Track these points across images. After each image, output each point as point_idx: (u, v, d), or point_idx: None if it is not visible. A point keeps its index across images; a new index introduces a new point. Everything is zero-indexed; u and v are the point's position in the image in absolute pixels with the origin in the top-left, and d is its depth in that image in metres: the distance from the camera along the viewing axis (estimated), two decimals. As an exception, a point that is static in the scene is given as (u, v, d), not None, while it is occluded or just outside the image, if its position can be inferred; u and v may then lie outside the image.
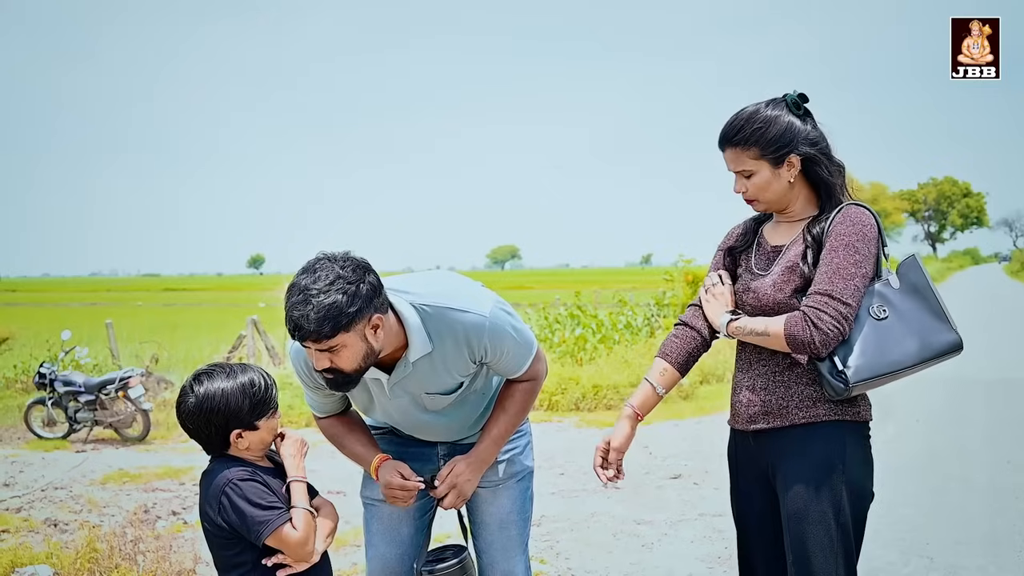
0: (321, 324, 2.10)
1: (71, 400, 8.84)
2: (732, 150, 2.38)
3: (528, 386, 2.55)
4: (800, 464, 2.31)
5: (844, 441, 2.31)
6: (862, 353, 2.24)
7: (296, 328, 2.13)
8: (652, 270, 71.78)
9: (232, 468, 2.24)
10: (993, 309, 23.53)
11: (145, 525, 5.32)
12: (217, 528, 2.22)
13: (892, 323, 2.27)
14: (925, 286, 2.31)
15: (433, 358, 2.35)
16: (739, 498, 2.54)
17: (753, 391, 2.41)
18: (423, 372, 2.37)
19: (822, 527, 2.27)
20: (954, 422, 8.30)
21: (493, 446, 2.52)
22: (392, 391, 2.41)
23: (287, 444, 2.35)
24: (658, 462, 7.02)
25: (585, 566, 4.58)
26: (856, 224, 2.29)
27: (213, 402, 2.23)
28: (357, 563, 4.57)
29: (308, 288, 2.13)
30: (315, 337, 2.12)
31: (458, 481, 2.46)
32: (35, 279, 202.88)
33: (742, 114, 2.37)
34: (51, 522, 5.50)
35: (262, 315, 13.48)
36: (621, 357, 11.56)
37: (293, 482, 2.29)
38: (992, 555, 4.51)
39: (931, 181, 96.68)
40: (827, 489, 2.27)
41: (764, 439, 2.40)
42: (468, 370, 2.42)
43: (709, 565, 4.53)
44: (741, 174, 2.40)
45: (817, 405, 2.32)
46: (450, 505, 2.48)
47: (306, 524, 2.23)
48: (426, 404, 2.47)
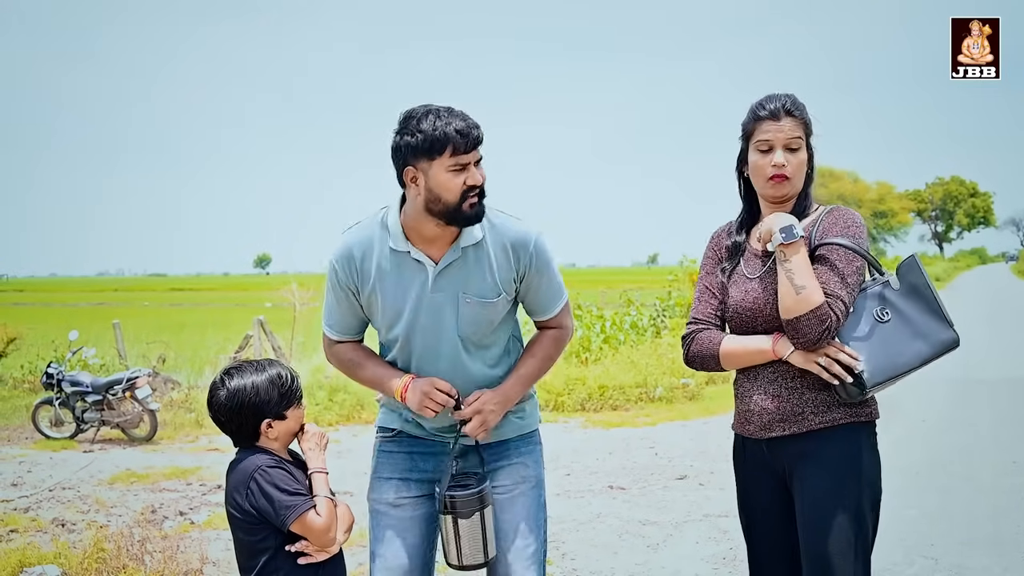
0: (480, 129, 2.34)
1: (78, 400, 8.88)
2: (791, 120, 2.39)
3: (557, 334, 2.62)
4: (819, 469, 2.32)
5: (860, 444, 2.33)
6: (873, 356, 2.26)
7: (468, 133, 2.31)
8: (658, 270, 71.65)
9: (260, 456, 2.36)
10: (1000, 309, 23.48)
11: (152, 525, 5.35)
12: (244, 513, 2.32)
13: (895, 325, 2.30)
14: (924, 286, 2.33)
15: (480, 254, 2.45)
16: (750, 500, 2.53)
17: (766, 399, 2.39)
18: (469, 265, 2.45)
19: (843, 531, 2.27)
20: (960, 422, 8.29)
21: (519, 384, 2.54)
22: (435, 282, 2.44)
23: (308, 437, 2.45)
24: (664, 463, 7.03)
25: (590, 567, 4.59)
26: (850, 225, 2.35)
27: (244, 394, 2.35)
28: (363, 563, 4.58)
29: (448, 108, 2.34)
30: (481, 141, 2.35)
31: (483, 408, 2.45)
32: (43, 279, 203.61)
33: (787, 94, 2.42)
34: (59, 522, 5.53)
35: (268, 315, 13.51)
36: (627, 357, 11.57)
37: (315, 473, 2.40)
38: (997, 555, 4.51)
39: (938, 181, 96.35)
40: (848, 493, 2.28)
41: (779, 445, 2.39)
42: (509, 286, 2.48)
43: (714, 566, 4.53)
44: (789, 146, 2.38)
45: (832, 409, 2.33)
46: (473, 431, 2.45)
47: (329, 512, 2.33)
48: (460, 316, 2.46)
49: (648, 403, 10.13)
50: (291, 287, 13.36)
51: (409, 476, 2.60)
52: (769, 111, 2.40)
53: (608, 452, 7.48)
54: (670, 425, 8.81)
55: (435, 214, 2.37)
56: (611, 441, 8.01)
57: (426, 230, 2.42)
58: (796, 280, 2.25)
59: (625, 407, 9.96)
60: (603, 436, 8.29)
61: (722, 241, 2.59)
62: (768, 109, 2.40)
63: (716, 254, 2.59)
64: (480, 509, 2.43)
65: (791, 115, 2.39)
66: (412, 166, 2.35)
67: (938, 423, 8.23)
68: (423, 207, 2.37)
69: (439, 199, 2.34)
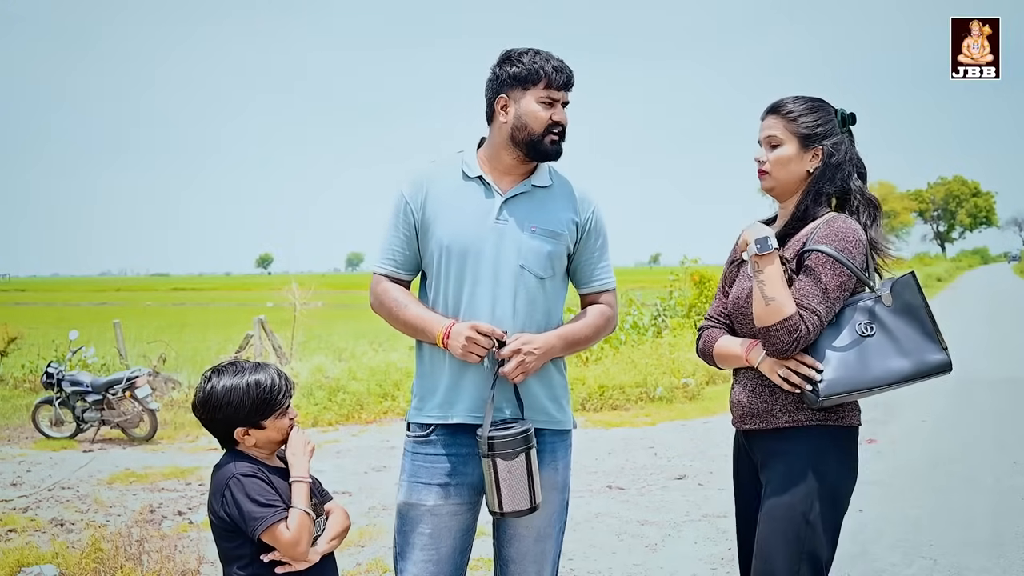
0: (573, 74, 2.52)
1: (78, 400, 8.88)
2: (772, 118, 2.46)
3: (605, 309, 2.65)
4: (780, 465, 2.37)
5: (826, 445, 2.35)
6: (841, 367, 2.27)
7: (563, 70, 2.49)
8: (660, 269, 71.69)
9: (239, 463, 2.31)
10: (1002, 309, 23.46)
11: (151, 525, 5.35)
12: (219, 519, 2.29)
13: (878, 341, 2.30)
14: (919, 306, 2.32)
15: (547, 195, 2.57)
16: (740, 494, 2.60)
17: (742, 392, 2.48)
18: (539, 201, 2.55)
19: (789, 523, 2.30)
20: (960, 422, 8.28)
21: (560, 340, 2.52)
22: (502, 210, 2.51)
23: (293, 443, 2.38)
24: (663, 463, 7.02)
25: (588, 567, 4.58)
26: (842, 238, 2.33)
27: (217, 399, 2.31)
28: (361, 563, 4.58)
29: (548, 51, 2.51)
30: (573, 83, 2.52)
31: (523, 349, 2.42)
32: (45, 279, 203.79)
33: (795, 96, 2.47)
34: (57, 522, 5.53)
35: (269, 315, 13.50)
36: (627, 357, 11.56)
37: (295, 482, 2.32)
38: (996, 556, 4.50)
39: (940, 180, 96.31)
40: (800, 488, 2.31)
41: (753, 439, 2.47)
42: (572, 229, 2.56)
43: (712, 566, 4.52)
44: (768, 142, 2.46)
45: (799, 410, 2.36)
46: (512, 372, 2.41)
47: (299, 525, 2.26)
48: (522, 248, 2.48)
49: (648, 403, 10.13)
50: (291, 287, 13.36)
51: (450, 482, 2.51)
52: (764, 110, 2.50)
53: (607, 452, 7.47)
54: (670, 425, 8.80)
55: (517, 143, 2.50)
56: (611, 441, 8.00)
57: (504, 160, 2.54)
58: (767, 291, 2.29)
59: (625, 407, 9.95)
60: (603, 436, 8.28)
61: (733, 257, 2.64)
62: (764, 109, 2.50)
63: (736, 252, 2.62)
64: (524, 450, 2.36)
65: (774, 113, 2.46)
66: (505, 94, 2.51)
67: (938, 423, 8.22)
68: (508, 135, 2.51)
69: (525, 127, 2.48)
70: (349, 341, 14.72)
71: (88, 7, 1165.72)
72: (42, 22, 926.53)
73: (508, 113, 2.50)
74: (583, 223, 2.59)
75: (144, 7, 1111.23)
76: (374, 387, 10.05)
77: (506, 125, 2.50)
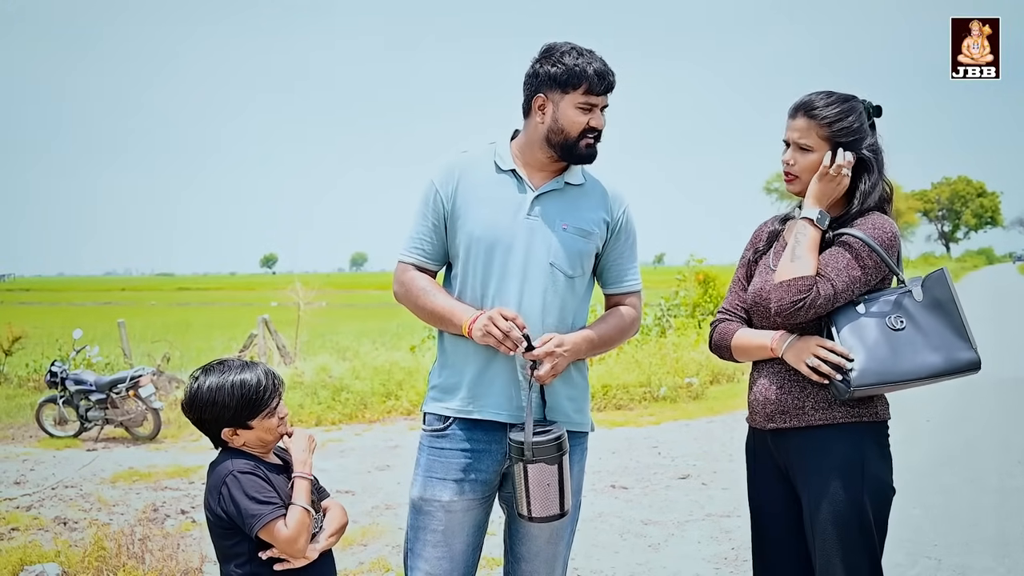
0: (615, 76, 2.47)
1: (82, 399, 8.89)
2: (805, 120, 2.38)
3: (630, 311, 2.64)
4: (820, 466, 2.31)
5: (863, 443, 2.32)
6: (872, 358, 2.24)
7: (605, 75, 2.43)
8: (665, 269, 71.60)
9: (236, 460, 2.30)
10: (1007, 309, 23.38)
11: (154, 524, 5.35)
12: (216, 517, 2.28)
13: (908, 335, 2.27)
14: (949, 301, 2.30)
15: (579, 193, 2.54)
16: (757, 491, 2.53)
17: (768, 390, 2.41)
18: (571, 199, 2.53)
19: (846, 530, 2.27)
20: (965, 422, 8.26)
21: (586, 342, 2.50)
22: (534, 205, 2.48)
23: (296, 440, 2.38)
24: (667, 462, 7.01)
25: (591, 566, 4.57)
26: (879, 229, 2.32)
27: (202, 398, 2.30)
28: (364, 562, 4.57)
29: (590, 50, 2.46)
30: (614, 87, 2.47)
31: (555, 349, 2.38)
32: (50, 278, 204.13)
33: (825, 92, 2.39)
34: (60, 520, 5.53)
35: (273, 314, 13.52)
36: (631, 357, 11.54)
37: (296, 478, 2.32)
38: (1001, 556, 4.48)
39: (944, 181, 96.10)
40: (849, 491, 2.27)
41: (781, 438, 2.40)
42: (602, 228, 2.54)
43: (716, 566, 4.51)
44: (799, 146, 2.39)
45: (833, 407, 2.32)
46: (545, 373, 2.38)
47: (298, 522, 2.25)
48: (552, 246, 2.46)
49: (652, 402, 10.11)
50: (295, 286, 13.37)
51: (465, 478, 2.48)
52: (791, 108, 2.42)
53: (611, 451, 7.46)
54: (674, 424, 8.78)
55: (552, 145, 2.48)
56: (614, 440, 7.99)
57: (537, 157, 2.52)
58: (798, 250, 2.30)
59: (629, 406, 9.94)
60: (606, 435, 8.26)
61: (763, 231, 2.61)
62: (793, 105, 2.42)
63: (754, 245, 2.61)
64: (559, 456, 2.33)
65: (809, 115, 2.37)
66: (543, 94, 2.47)
67: (943, 422, 8.20)
68: (543, 135, 2.48)
69: (562, 130, 2.45)
70: (353, 341, 14.71)
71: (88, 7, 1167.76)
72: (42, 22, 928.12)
73: (545, 114, 2.46)
74: (614, 222, 2.57)
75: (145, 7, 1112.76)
76: (378, 386, 10.04)
77: (542, 126, 2.47)
